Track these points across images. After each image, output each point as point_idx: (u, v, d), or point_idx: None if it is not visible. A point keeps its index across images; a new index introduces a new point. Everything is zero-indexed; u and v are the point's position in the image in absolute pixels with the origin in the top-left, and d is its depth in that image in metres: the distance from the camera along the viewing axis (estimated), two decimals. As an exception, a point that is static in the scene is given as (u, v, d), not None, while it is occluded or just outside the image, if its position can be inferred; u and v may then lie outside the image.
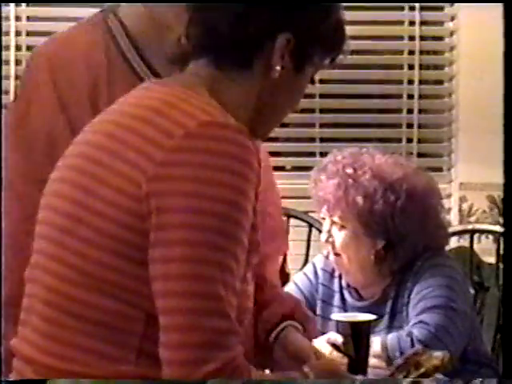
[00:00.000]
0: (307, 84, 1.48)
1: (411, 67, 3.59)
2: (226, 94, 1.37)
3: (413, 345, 2.40)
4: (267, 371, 1.82)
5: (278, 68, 1.37)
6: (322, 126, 3.54)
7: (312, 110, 3.52)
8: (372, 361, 2.35)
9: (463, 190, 3.69)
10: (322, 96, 3.54)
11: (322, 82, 3.59)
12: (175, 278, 1.25)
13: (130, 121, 1.32)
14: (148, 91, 1.40)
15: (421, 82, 3.56)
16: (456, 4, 3.64)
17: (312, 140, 3.34)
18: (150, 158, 1.26)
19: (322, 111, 3.58)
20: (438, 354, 2.15)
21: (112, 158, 1.29)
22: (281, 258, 2.06)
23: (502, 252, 3.09)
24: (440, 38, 3.68)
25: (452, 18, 3.62)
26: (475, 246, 3.19)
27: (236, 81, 1.38)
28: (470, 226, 3.37)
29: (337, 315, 2.46)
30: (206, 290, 1.26)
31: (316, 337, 2.32)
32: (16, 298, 1.47)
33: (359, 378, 2.22)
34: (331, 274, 2.70)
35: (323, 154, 2.96)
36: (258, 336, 1.83)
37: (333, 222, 2.57)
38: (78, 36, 1.82)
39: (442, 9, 3.70)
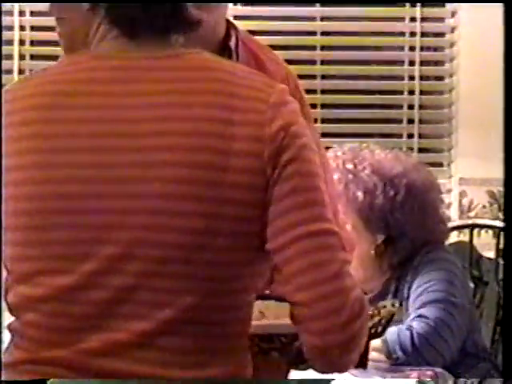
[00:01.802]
0: None
1: (412, 63, 3.58)
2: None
3: (412, 338, 2.43)
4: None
5: None
6: (323, 121, 3.55)
7: (314, 106, 3.46)
8: (372, 354, 2.29)
9: (463, 185, 3.67)
10: (323, 92, 3.56)
11: (323, 77, 3.68)
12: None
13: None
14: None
15: (421, 78, 3.57)
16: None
17: (313, 135, 3.17)
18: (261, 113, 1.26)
19: (323, 106, 3.59)
20: (388, 302, 2.07)
21: (224, 127, 1.25)
22: None
23: (501, 247, 3.09)
24: (441, 35, 3.68)
25: (453, 14, 3.62)
26: (475, 241, 3.18)
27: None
28: (469, 221, 3.37)
29: None
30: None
31: None
32: None
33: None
34: None
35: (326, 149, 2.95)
36: None
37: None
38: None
39: (443, 5, 3.70)
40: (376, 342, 2.39)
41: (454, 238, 3.18)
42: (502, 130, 2.12)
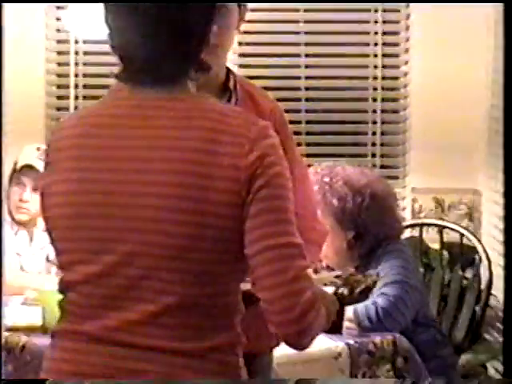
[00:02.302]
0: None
1: (375, 100, 4.14)
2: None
3: (377, 311, 2.78)
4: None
5: None
6: (307, 144, 4.08)
7: (299, 133, 4.04)
8: (346, 324, 2.73)
9: (414, 194, 4.24)
10: (307, 122, 4.10)
11: (307, 111, 4.15)
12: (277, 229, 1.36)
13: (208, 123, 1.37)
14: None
15: (382, 111, 4.19)
16: (411, 39, 4.09)
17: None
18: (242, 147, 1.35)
19: (307, 133, 4.13)
20: (371, 272, 2.53)
21: (211, 157, 1.35)
22: None
23: (445, 240, 3.64)
24: (396, 78, 4.24)
25: (406, 62, 4.20)
26: (424, 236, 3.67)
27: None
28: (419, 221, 3.93)
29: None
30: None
31: None
32: None
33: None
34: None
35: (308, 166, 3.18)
36: None
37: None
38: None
39: (397, 45, 4.19)
40: (349, 315, 2.74)
41: (407, 233, 3.60)
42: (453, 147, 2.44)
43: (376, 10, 4.17)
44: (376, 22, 4.20)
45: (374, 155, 4.19)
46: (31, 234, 3.36)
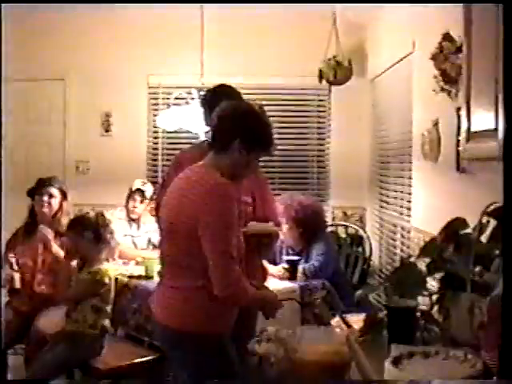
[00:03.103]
0: (254, 161, 2.28)
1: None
2: (220, 164, 2.23)
3: (314, 269, 3.76)
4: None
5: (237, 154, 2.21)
6: (279, 183, 5.12)
7: (273, 178, 5.06)
8: (298, 275, 3.74)
9: (333, 209, 5.59)
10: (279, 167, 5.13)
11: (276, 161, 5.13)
12: (211, 242, 2.09)
13: (189, 182, 2.09)
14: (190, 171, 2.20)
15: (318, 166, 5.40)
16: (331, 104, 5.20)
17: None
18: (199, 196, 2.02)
19: (280, 177, 5.19)
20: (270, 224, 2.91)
21: (184, 196, 2.07)
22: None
23: (348, 232, 4.67)
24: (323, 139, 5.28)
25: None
26: (338, 231, 5.06)
27: (222, 158, 2.25)
28: (335, 223, 5.23)
29: (286, 257, 3.91)
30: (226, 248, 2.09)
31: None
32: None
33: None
34: (282, 241, 3.95)
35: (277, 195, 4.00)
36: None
37: (285, 223, 3.78)
38: (189, 151, 2.98)
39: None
40: (300, 270, 3.76)
41: (329, 229, 4.87)
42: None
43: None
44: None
45: (313, 189, 5.58)
46: (139, 224, 4.55)
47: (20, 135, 5.38)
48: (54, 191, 3.96)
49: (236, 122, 2.21)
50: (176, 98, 4.91)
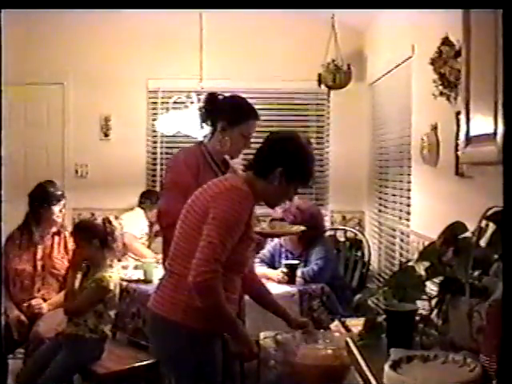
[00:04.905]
0: (292, 191, 2.30)
1: None
2: (256, 186, 2.26)
3: (313, 272, 3.72)
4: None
5: (276, 183, 2.25)
6: None
7: None
8: (297, 279, 3.70)
9: (332, 213, 5.59)
10: None
11: None
12: (209, 230, 2.14)
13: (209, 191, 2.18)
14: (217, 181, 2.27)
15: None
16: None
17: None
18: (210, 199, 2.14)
19: None
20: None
21: (198, 201, 2.19)
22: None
23: (347, 236, 4.58)
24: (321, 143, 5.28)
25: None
26: (336, 234, 4.97)
27: (260, 182, 2.28)
28: (334, 227, 5.19)
29: (285, 261, 3.87)
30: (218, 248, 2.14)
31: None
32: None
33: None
34: (281, 245, 4.05)
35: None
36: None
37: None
38: (191, 150, 2.94)
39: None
40: (299, 273, 3.71)
41: (328, 233, 4.75)
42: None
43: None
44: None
45: (312, 193, 5.57)
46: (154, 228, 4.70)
47: (19, 139, 5.43)
48: (64, 201, 4.02)
49: (283, 151, 2.25)
50: (175, 102, 4.95)
